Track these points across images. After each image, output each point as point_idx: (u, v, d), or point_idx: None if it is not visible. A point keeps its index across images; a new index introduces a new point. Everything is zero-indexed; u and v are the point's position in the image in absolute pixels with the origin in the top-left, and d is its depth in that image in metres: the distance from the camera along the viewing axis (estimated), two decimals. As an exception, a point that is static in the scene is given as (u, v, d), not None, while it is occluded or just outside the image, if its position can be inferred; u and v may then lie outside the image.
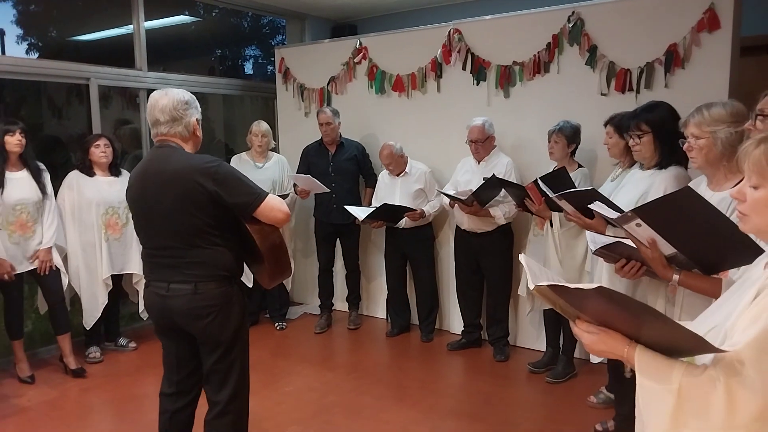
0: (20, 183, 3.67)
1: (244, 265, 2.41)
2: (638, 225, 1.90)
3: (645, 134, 2.50)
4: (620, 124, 3.05)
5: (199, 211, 2.16)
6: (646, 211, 1.88)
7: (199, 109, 2.34)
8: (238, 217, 2.24)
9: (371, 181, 4.74)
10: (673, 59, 3.56)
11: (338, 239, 4.85)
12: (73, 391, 3.72)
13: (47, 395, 3.65)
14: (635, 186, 2.59)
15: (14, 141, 3.59)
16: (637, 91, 3.69)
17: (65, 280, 3.91)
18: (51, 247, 3.77)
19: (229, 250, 2.25)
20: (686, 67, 3.54)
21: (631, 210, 1.91)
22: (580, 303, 1.26)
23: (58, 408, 3.50)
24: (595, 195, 2.52)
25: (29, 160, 3.73)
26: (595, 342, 1.27)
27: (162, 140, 2.27)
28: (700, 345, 1.12)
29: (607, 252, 2.23)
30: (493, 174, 3.73)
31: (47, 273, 3.76)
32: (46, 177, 3.82)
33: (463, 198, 3.85)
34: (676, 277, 1.92)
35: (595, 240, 2.26)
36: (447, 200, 4.11)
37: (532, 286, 1.25)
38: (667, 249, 1.92)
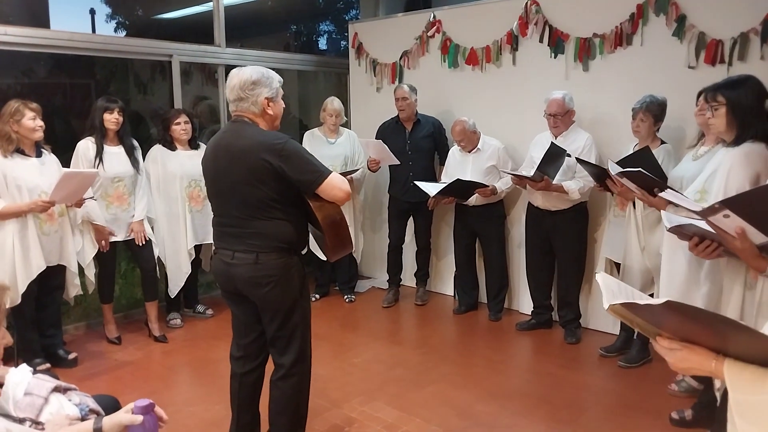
0: (117, 158, 3.87)
1: (310, 237, 2.50)
2: (726, 216, 1.81)
3: (720, 106, 2.33)
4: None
5: (264, 185, 2.26)
6: (737, 203, 1.79)
7: (274, 86, 2.37)
8: (300, 193, 2.32)
9: (446, 159, 4.59)
10: (772, 29, 3.30)
11: (411, 216, 4.85)
12: (155, 354, 3.96)
13: (133, 356, 3.90)
14: (711, 164, 2.47)
15: (112, 119, 3.78)
16: (729, 64, 3.45)
17: (157, 251, 4.12)
18: (143, 220, 3.99)
19: (289, 223, 2.34)
20: (786, 38, 3.28)
21: (719, 202, 1.82)
22: (657, 320, 1.20)
23: (143, 368, 3.73)
24: (661, 185, 2.48)
25: (125, 137, 3.92)
26: (679, 360, 1.19)
27: (237, 115, 2.38)
28: None
29: (681, 230, 2.21)
30: (552, 142, 3.61)
31: (143, 244, 3.98)
32: (138, 153, 4.01)
33: (529, 175, 3.75)
34: None
35: (670, 219, 2.22)
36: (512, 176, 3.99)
37: (606, 306, 1.21)
38: (759, 238, 1.81)
